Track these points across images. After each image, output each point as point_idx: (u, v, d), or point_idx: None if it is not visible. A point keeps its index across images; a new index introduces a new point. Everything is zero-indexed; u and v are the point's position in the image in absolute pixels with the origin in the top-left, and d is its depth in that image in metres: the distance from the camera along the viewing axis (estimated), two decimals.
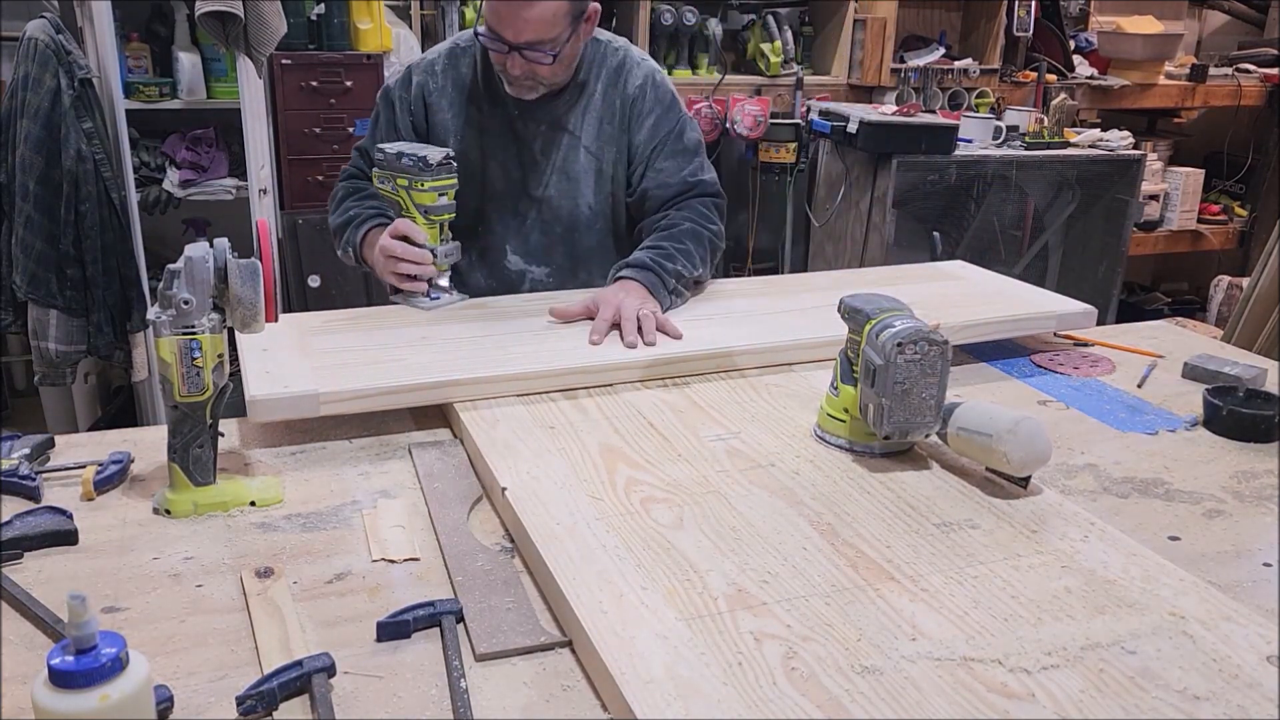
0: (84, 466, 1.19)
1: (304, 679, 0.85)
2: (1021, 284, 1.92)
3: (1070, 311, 1.75)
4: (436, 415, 1.42)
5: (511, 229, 1.88)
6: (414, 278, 1.69)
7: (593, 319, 1.59)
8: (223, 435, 1.17)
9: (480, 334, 1.56)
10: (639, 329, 1.54)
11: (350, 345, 1.49)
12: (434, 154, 1.65)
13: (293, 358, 1.42)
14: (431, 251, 1.68)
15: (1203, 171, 4.66)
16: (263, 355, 1.40)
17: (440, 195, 1.67)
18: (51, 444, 1.28)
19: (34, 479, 1.16)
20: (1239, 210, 4.86)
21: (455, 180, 1.69)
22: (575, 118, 1.83)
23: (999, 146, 3.86)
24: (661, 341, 1.55)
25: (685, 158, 1.86)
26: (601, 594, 0.95)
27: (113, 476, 1.19)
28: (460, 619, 0.96)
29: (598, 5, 1.73)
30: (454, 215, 1.72)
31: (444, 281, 1.73)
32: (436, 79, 1.85)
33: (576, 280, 1.89)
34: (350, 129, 3.47)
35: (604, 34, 1.87)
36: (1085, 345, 1.78)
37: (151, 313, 1.10)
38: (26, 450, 1.22)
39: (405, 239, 1.68)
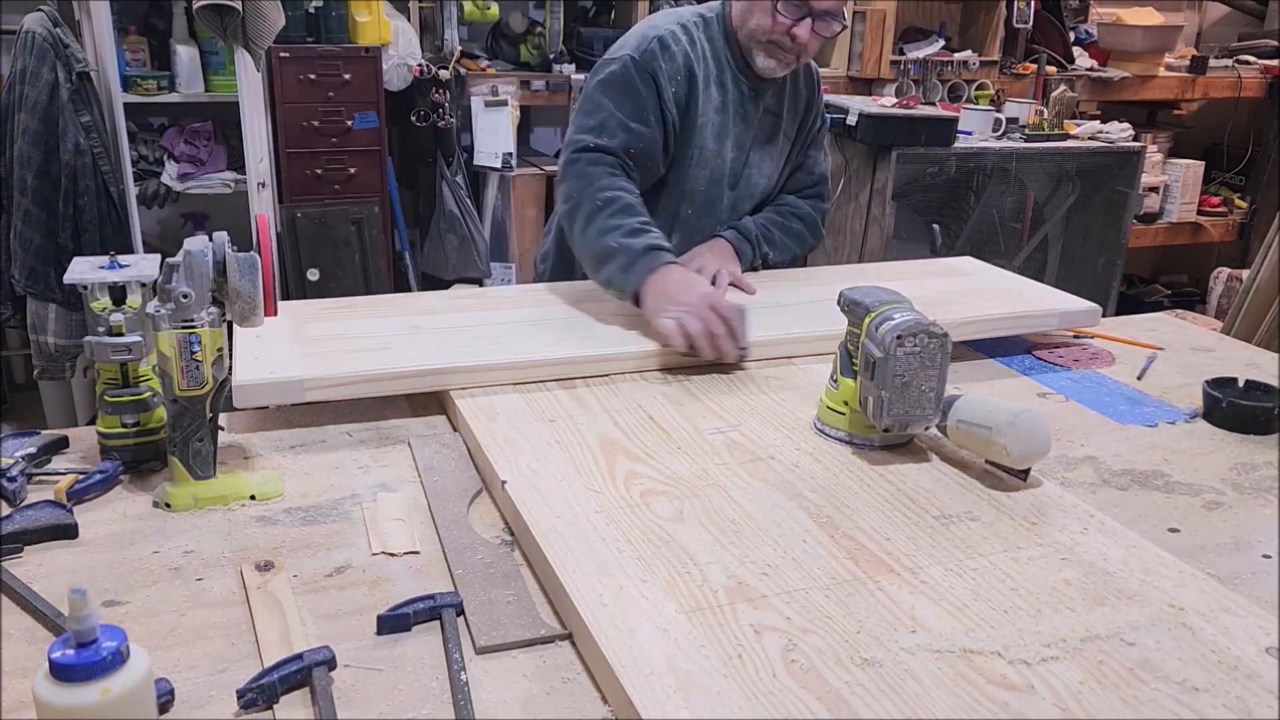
0: (66, 474, 1.16)
1: (304, 672, 0.85)
2: (1027, 281, 1.91)
3: (1075, 309, 1.74)
4: (434, 403, 1.42)
5: (724, 203, 1.86)
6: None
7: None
8: (223, 429, 1.17)
9: (473, 323, 1.56)
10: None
11: (344, 332, 1.49)
12: None
13: (283, 344, 1.42)
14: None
15: (1202, 164, 4.66)
16: (255, 342, 1.40)
17: None
18: (65, 444, 1.26)
19: (15, 480, 1.13)
20: (1239, 202, 4.85)
21: None
22: (779, 99, 1.86)
23: (999, 139, 3.86)
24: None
25: (821, 151, 1.91)
26: (601, 587, 0.95)
27: (94, 486, 1.15)
28: (460, 612, 0.96)
29: None
30: None
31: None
32: (696, 47, 1.71)
33: None
34: (349, 122, 3.46)
35: None
36: (1085, 338, 1.78)
37: (150, 306, 1.10)
38: (32, 450, 1.21)
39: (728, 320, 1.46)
